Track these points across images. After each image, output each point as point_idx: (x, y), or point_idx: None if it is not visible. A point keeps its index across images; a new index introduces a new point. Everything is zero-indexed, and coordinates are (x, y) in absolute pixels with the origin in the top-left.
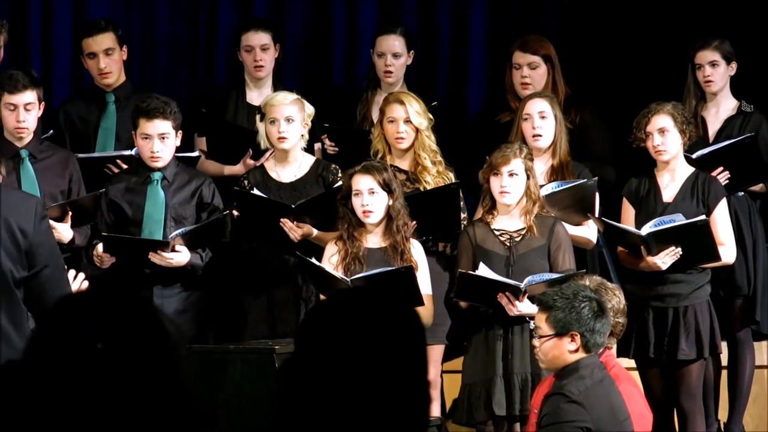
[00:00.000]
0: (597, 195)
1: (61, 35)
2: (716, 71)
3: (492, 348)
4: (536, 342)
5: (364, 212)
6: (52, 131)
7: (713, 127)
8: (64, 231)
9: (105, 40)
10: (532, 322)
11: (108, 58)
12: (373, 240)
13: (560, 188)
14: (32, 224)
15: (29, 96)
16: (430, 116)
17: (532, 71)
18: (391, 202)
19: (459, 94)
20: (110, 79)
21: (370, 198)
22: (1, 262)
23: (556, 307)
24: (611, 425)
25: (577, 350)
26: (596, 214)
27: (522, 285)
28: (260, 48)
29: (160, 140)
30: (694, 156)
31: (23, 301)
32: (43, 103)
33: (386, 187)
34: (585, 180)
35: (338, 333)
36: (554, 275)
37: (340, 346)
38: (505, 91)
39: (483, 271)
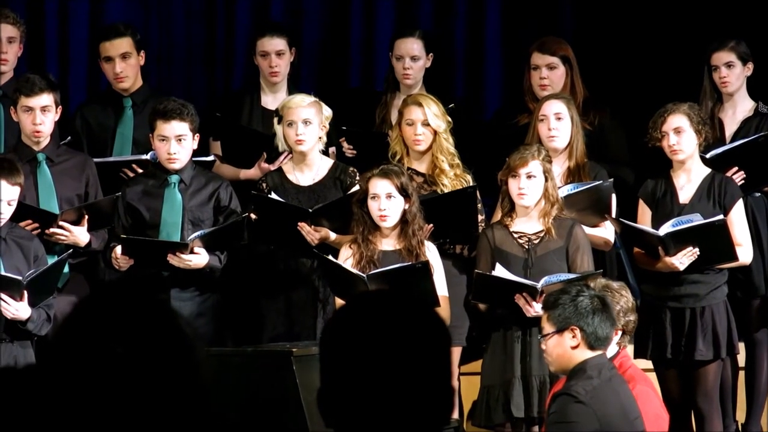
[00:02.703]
0: (614, 196)
1: (78, 39)
2: (732, 72)
3: (510, 350)
4: (543, 345)
5: (380, 216)
6: (69, 137)
7: (730, 128)
8: (80, 234)
9: (122, 45)
10: None
11: (124, 63)
12: (388, 243)
13: (576, 190)
14: None
15: (46, 99)
16: (449, 119)
17: (550, 72)
18: (407, 207)
19: (476, 96)
20: (126, 83)
21: (387, 202)
22: None
23: (557, 305)
24: (622, 424)
25: (578, 346)
26: (613, 216)
27: (538, 285)
28: (275, 53)
29: (177, 142)
30: (707, 156)
31: None
32: (60, 106)
33: (403, 191)
34: (601, 182)
35: (362, 336)
36: (571, 275)
37: (364, 349)
38: (524, 93)
39: (499, 271)
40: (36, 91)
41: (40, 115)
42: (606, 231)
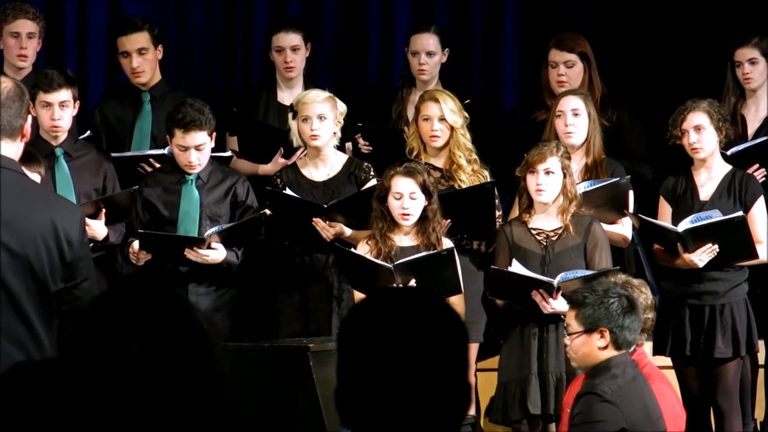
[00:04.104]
0: (631, 193)
1: (96, 34)
2: (755, 68)
3: (527, 346)
4: (567, 340)
5: (402, 215)
6: (89, 132)
7: (753, 125)
8: (98, 228)
9: (139, 40)
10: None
11: (141, 58)
12: (406, 239)
13: (594, 187)
14: (78, 235)
15: (64, 94)
16: (466, 114)
17: (568, 69)
18: (427, 204)
19: (493, 92)
20: (143, 78)
21: (410, 202)
22: (42, 270)
23: (586, 304)
24: (644, 424)
25: (606, 347)
26: (631, 212)
27: (555, 281)
28: (291, 49)
29: (197, 150)
30: (728, 153)
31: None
32: (78, 101)
33: (425, 190)
34: (618, 179)
35: (379, 332)
36: (587, 272)
37: (381, 346)
38: (542, 90)
39: (515, 267)
40: (54, 86)
41: (59, 110)
42: (624, 228)
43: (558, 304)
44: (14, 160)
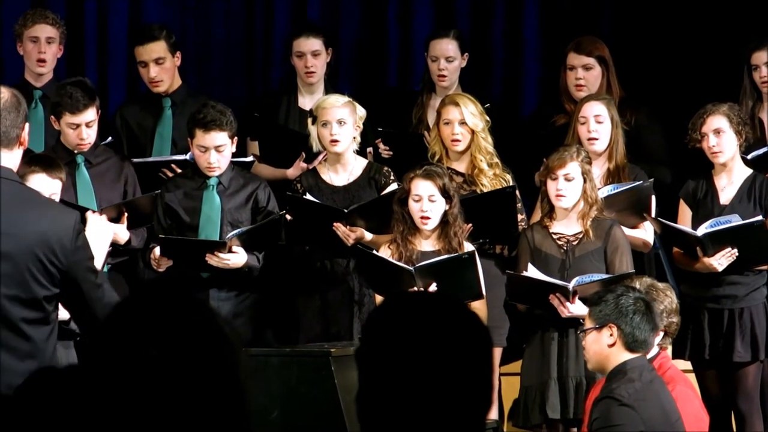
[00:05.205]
0: (653, 197)
1: (117, 40)
2: None
3: (547, 351)
4: (583, 341)
5: (422, 218)
6: (110, 138)
7: None
8: (120, 232)
9: (155, 49)
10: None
11: (158, 67)
12: (427, 243)
13: (616, 191)
14: (70, 241)
15: (90, 114)
16: (487, 118)
17: (586, 73)
18: (448, 208)
19: (513, 95)
20: (161, 87)
21: (429, 204)
22: (33, 277)
23: (601, 302)
24: (663, 426)
25: (614, 344)
26: (652, 216)
27: (570, 285)
28: (311, 54)
29: (217, 152)
30: (749, 157)
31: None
32: (99, 111)
33: (445, 193)
34: (641, 182)
35: (401, 335)
36: (603, 276)
37: (404, 349)
38: (560, 93)
39: (531, 272)
40: (81, 107)
41: (86, 129)
42: (645, 232)
43: (576, 308)
44: (11, 169)
